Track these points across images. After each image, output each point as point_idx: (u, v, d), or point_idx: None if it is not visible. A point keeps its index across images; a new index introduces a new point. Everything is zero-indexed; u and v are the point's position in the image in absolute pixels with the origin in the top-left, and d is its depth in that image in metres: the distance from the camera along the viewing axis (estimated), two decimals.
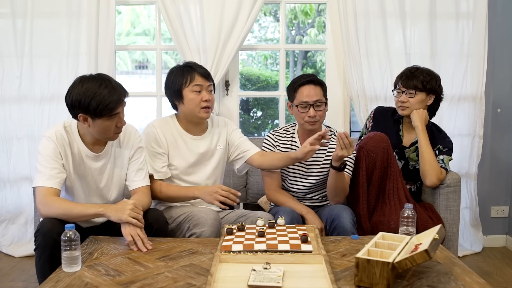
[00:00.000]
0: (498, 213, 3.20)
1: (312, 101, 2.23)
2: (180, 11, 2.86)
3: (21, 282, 2.61)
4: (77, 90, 1.85)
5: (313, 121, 2.25)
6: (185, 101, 2.20)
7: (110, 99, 1.84)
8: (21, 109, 2.93)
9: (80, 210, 1.84)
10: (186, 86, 2.18)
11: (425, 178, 2.35)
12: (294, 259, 1.64)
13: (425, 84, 2.42)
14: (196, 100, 2.19)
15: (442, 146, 2.42)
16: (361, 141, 2.34)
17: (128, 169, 2.09)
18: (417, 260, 1.41)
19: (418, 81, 2.42)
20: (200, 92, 2.19)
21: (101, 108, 1.83)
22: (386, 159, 2.29)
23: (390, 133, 2.41)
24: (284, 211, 2.19)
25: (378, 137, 2.31)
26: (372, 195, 2.28)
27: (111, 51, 2.89)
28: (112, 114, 1.87)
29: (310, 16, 6.30)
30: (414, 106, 2.43)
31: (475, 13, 2.92)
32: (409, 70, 2.48)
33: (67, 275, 1.56)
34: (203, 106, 2.19)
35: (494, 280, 2.63)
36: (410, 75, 2.44)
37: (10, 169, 2.98)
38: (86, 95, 1.83)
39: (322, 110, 2.26)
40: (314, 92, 2.24)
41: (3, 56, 2.90)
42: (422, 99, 2.44)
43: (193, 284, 1.49)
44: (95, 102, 1.83)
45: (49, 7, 2.86)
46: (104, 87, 1.85)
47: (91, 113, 1.85)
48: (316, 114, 2.24)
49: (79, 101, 1.84)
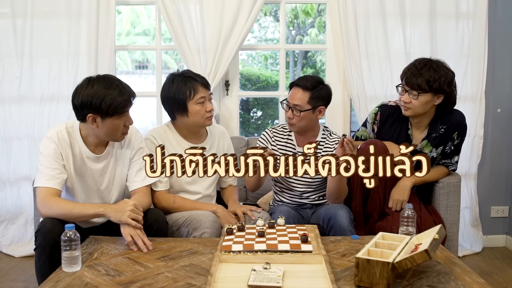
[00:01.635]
0: (498, 213, 3.20)
1: (291, 104, 2.25)
2: (180, 11, 2.86)
3: (21, 282, 2.61)
4: (87, 91, 1.85)
5: (288, 122, 2.30)
6: (189, 114, 2.19)
7: (122, 98, 1.86)
8: (21, 109, 2.93)
9: (80, 210, 1.84)
10: (190, 99, 2.17)
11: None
12: (294, 259, 1.64)
13: (431, 84, 2.16)
14: (202, 112, 2.19)
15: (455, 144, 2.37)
16: (358, 152, 2.14)
17: (128, 169, 2.09)
18: (417, 260, 1.41)
19: (423, 80, 2.16)
20: (203, 103, 2.20)
21: (114, 107, 1.85)
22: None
23: (399, 133, 2.35)
24: (283, 211, 2.19)
25: (376, 147, 2.25)
26: (371, 208, 2.27)
27: (111, 51, 2.89)
28: (122, 113, 1.89)
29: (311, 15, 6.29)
30: (417, 108, 2.23)
31: (475, 13, 2.91)
32: (415, 66, 2.22)
33: (67, 275, 1.56)
34: (207, 116, 2.21)
35: (494, 280, 2.63)
36: (415, 72, 2.19)
37: (10, 169, 2.98)
38: (97, 95, 1.84)
39: (298, 116, 2.24)
40: (297, 96, 2.23)
41: (3, 56, 2.90)
42: (427, 100, 2.21)
43: (193, 284, 1.49)
44: (107, 102, 1.84)
45: (49, 7, 2.86)
46: (114, 87, 1.87)
47: (102, 112, 1.85)
48: (292, 117, 2.25)
49: (90, 101, 1.84)
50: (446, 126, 2.32)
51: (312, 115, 2.27)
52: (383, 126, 2.40)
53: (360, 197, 2.25)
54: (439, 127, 2.32)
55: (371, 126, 2.45)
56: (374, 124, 2.44)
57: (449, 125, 2.32)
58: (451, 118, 2.32)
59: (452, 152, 2.39)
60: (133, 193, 2.07)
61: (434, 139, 2.34)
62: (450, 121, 2.31)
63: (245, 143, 2.84)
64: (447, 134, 2.33)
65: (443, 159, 2.41)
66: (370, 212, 2.28)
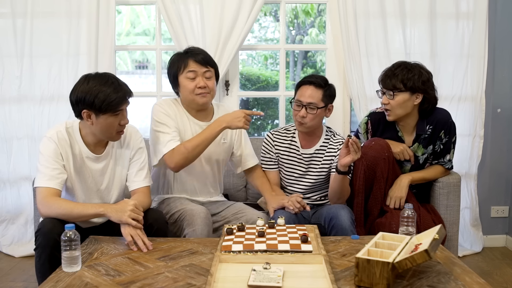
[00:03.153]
0: (498, 213, 3.20)
1: (305, 102, 2.22)
2: (180, 11, 2.86)
3: (21, 282, 2.61)
4: (82, 87, 1.87)
5: (300, 121, 2.25)
6: (180, 88, 2.21)
7: (116, 96, 1.86)
8: (21, 109, 2.93)
9: (81, 210, 1.84)
10: (180, 73, 2.19)
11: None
12: (294, 259, 1.64)
13: (405, 82, 2.21)
14: (190, 87, 2.18)
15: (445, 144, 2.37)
16: (361, 150, 2.15)
17: (128, 169, 2.09)
18: (417, 260, 1.41)
19: (397, 80, 2.23)
20: (195, 79, 2.18)
21: (107, 104, 1.85)
22: (387, 170, 2.26)
23: (390, 137, 2.37)
24: (283, 211, 2.19)
25: (379, 146, 2.25)
26: (372, 205, 2.28)
27: (111, 51, 2.89)
28: (116, 111, 1.89)
29: (311, 15, 6.30)
30: (395, 109, 2.26)
31: (475, 13, 2.91)
32: (390, 69, 2.29)
33: (67, 275, 1.56)
34: (197, 92, 2.18)
35: (494, 280, 2.63)
36: (390, 74, 2.26)
37: (10, 169, 2.98)
38: (91, 91, 1.85)
39: (313, 114, 2.22)
40: (311, 94, 2.22)
41: (3, 56, 2.90)
42: (405, 99, 2.24)
43: (193, 284, 1.49)
44: (101, 98, 1.84)
45: (49, 7, 2.85)
46: (110, 84, 1.87)
47: (95, 108, 1.86)
48: (305, 116, 2.22)
49: (84, 97, 1.85)
50: (433, 126, 2.34)
51: (323, 113, 2.28)
52: (376, 133, 2.43)
53: (363, 195, 2.26)
54: (426, 127, 2.34)
55: (365, 136, 2.47)
56: (367, 133, 2.46)
57: (435, 124, 2.33)
58: (437, 117, 2.34)
59: (442, 151, 2.39)
60: (133, 193, 2.07)
61: (424, 140, 2.36)
62: (436, 120, 2.33)
63: None
64: (434, 134, 2.35)
65: (435, 159, 2.42)
66: (371, 209, 2.28)
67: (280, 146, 2.38)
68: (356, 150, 2.03)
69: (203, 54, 2.23)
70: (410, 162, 2.37)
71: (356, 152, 2.04)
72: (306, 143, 2.35)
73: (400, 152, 2.32)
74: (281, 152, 2.38)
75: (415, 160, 2.39)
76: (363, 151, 2.20)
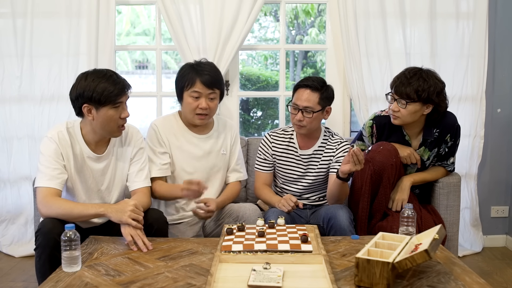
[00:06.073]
0: (498, 213, 3.20)
1: (302, 106, 2.21)
2: (180, 11, 2.86)
3: (21, 282, 2.61)
4: (81, 83, 1.89)
5: (298, 125, 2.25)
6: (183, 103, 2.23)
7: (114, 87, 1.88)
8: (21, 109, 2.93)
9: (81, 210, 1.84)
10: (186, 89, 2.19)
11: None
12: (294, 259, 1.64)
13: (420, 93, 2.17)
14: (192, 106, 2.19)
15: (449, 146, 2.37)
16: (369, 154, 2.18)
17: (129, 169, 2.09)
18: (417, 260, 1.41)
19: (412, 89, 2.17)
20: (198, 99, 2.18)
21: (106, 95, 1.86)
22: (394, 175, 2.24)
23: (397, 141, 2.35)
24: (283, 211, 2.19)
25: (387, 151, 2.23)
26: (376, 209, 2.27)
27: (111, 51, 2.89)
28: (116, 102, 1.89)
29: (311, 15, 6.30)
30: (405, 117, 2.23)
31: (475, 13, 2.91)
32: (405, 75, 2.23)
33: (67, 275, 1.56)
34: (197, 112, 2.19)
35: (494, 280, 2.63)
36: (405, 81, 2.20)
37: (10, 169, 2.98)
38: (90, 85, 1.87)
39: (310, 117, 2.21)
40: (307, 98, 2.21)
41: (3, 56, 2.90)
42: (416, 110, 2.21)
43: (193, 284, 1.50)
44: (99, 90, 1.86)
45: (49, 7, 2.86)
46: (108, 77, 1.89)
47: (95, 101, 1.87)
48: (302, 119, 2.22)
49: (83, 92, 1.87)
50: (440, 130, 2.33)
51: (321, 115, 2.27)
52: (381, 136, 2.40)
53: (368, 200, 2.24)
54: (433, 131, 2.33)
55: (370, 139, 2.44)
56: (372, 136, 2.43)
57: (442, 128, 2.33)
58: (444, 121, 2.32)
59: (447, 154, 2.39)
60: (133, 193, 2.08)
61: (431, 144, 2.36)
62: (443, 124, 2.33)
63: (245, 143, 2.84)
64: (440, 137, 2.34)
65: (438, 161, 2.42)
66: (374, 212, 2.28)
67: (277, 148, 2.38)
68: (356, 162, 2.00)
69: (211, 74, 2.19)
70: (416, 165, 2.37)
71: (356, 164, 2.00)
72: (304, 144, 2.35)
73: (407, 156, 2.31)
74: (279, 154, 2.37)
75: (421, 164, 2.38)
76: (370, 156, 2.18)
